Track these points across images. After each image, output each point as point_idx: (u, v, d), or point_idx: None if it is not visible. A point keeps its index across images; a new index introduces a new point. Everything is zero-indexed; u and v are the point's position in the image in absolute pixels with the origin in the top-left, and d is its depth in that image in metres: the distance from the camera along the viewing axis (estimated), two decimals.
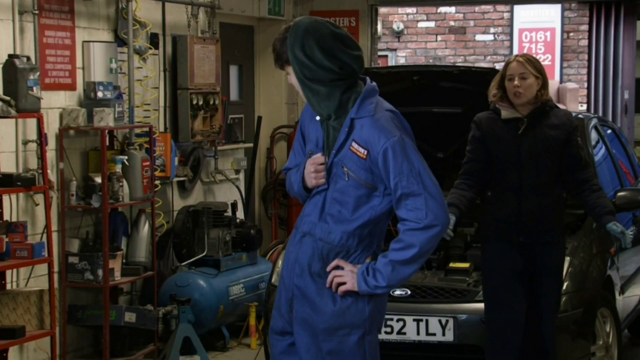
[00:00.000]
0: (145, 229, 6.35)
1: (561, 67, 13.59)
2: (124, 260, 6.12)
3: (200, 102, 7.19)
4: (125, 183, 5.99)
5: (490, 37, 13.85)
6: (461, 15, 13.87)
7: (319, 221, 3.22)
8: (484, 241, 4.76)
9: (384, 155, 3.11)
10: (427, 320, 4.86)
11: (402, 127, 3.18)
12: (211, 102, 7.32)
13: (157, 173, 6.49)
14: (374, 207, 3.18)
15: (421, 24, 13.97)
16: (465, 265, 5.17)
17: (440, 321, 4.80)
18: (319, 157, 3.25)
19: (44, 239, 5.36)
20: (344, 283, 3.16)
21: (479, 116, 4.79)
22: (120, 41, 6.45)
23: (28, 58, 5.37)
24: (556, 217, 4.71)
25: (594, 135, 6.02)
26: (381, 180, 3.15)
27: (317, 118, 3.29)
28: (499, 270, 4.66)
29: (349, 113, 3.18)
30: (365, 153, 3.13)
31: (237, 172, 8.09)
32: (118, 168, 5.95)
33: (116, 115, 5.99)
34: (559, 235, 4.74)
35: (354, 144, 3.16)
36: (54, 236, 5.68)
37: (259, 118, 8.39)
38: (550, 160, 4.67)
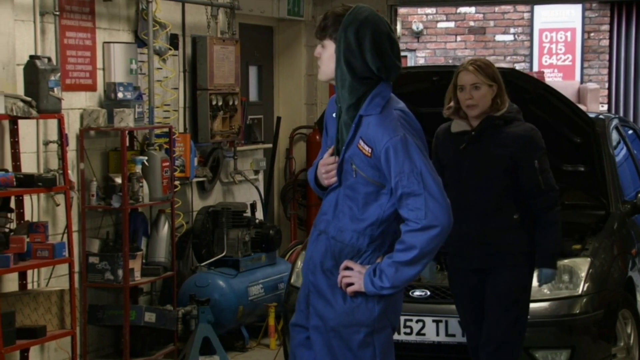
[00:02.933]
0: (165, 229, 6.37)
1: (582, 68, 13.52)
2: (143, 261, 6.14)
3: (220, 103, 7.21)
4: (145, 183, 6.01)
5: (510, 37, 13.81)
6: (481, 16, 13.84)
7: (333, 219, 3.24)
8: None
9: (385, 153, 3.11)
10: (446, 321, 4.85)
11: (409, 126, 3.17)
12: (230, 103, 7.33)
13: (176, 173, 6.50)
14: (382, 206, 3.17)
15: (441, 25, 13.95)
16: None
17: (460, 322, 4.78)
18: (329, 159, 3.28)
19: (65, 239, 5.38)
20: (352, 283, 3.17)
21: (439, 128, 4.52)
22: (140, 42, 6.47)
23: (49, 59, 5.40)
24: (506, 241, 4.31)
25: (615, 136, 5.99)
26: (387, 178, 3.15)
27: (334, 115, 3.30)
28: (455, 297, 4.54)
29: (360, 110, 3.19)
30: (370, 151, 3.14)
31: (256, 172, 8.10)
32: (138, 168, 5.97)
33: (136, 116, 6.01)
34: (511, 259, 4.31)
35: (360, 141, 3.16)
36: (75, 236, 5.71)
37: (278, 119, 8.40)
38: (496, 180, 4.26)
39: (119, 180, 5.89)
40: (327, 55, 3.22)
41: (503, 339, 4.32)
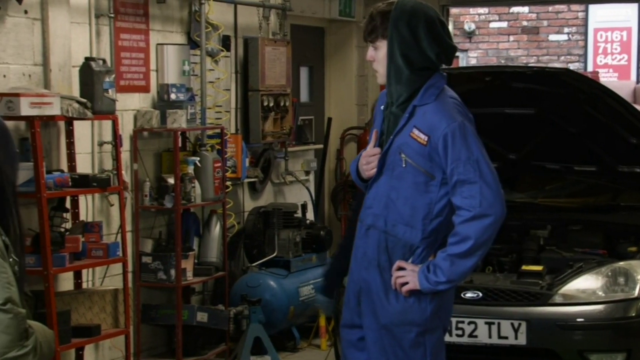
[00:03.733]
0: (216, 229, 6.41)
1: (637, 67, 13.30)
2: (195, 261, 6.18)
3: (271, 104, 7.23)
4: (197, 184, 6.05)
5: (564, 37, 13.64)
6: (534, 15, 13.69)
7: (382, 212, 3.21)
8: None
9: (444, 139, 3.10)
10: (499, 324, 4.80)
11: (465, 114, 3.17)
12: (282, 104, 7.35)
13: (228, 174, 6.54)
14: (432, 198, 3.15)
15: (493, 24, 13.84)
16: (539, 268, 5.10)
17: (512, 324, 4.74)
18: (372, 150, 3.26)
19: (119, 239, 5.45)
20: (406, 283, 3.16)
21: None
22: (193, 43, 6.52)
23: (104, 61, 5.46)
24: None
25: None
26: (439, 169, 3.13)
27: (382, 107, 3.28)
28: None
29: (413, 100, 3.17)
30: (426, 139, 3.12)
31: (307, 173, 8.12)
32: (190, 169, 6.01)
33: (188, 117, 6.06)
34: None
35: (414, 130, 3.14)
36: (128, 236, 5.77)
37: (329, 119, 8.40)
38: None
39: (171, 180, 5.95)
40: (382, 55, 3.19)
41: None
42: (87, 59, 5.37)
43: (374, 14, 3.21)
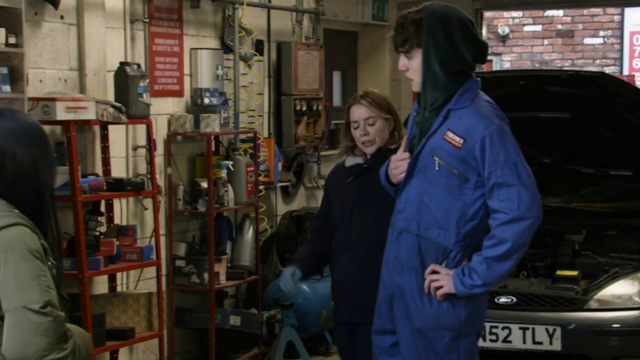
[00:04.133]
0: (249, 233, 6.42)
1: None
2: (229, 264, 6.20)
3: (304, 108, 7.24)
4: (230, 188, 6.08)
5: (600, 40, 13.52)
6: (569, 19, 13.59)
7: (414, 216, 3.19)
8: None
9: (481, 142, 3.08)
10: (533, 329, 4.77)
11: (502, 117, 3.16)
12: (314, 108, 7.36)
13: (261, 178, 6.56)
14: (466, 201, 3.13)
15: (527, 28, 13.75)
16: (574, 273, 5.06)
17: (547, 330, 4.71)
18: (401, 154, 3.25)
19: (153, 243, 5.48)
20: (441, 287, 3.14)
21: (336, 164, 4.09)
22: (226, 48, 6.55)
23: (138, 65, 5.50)
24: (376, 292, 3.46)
25: None
26: (474, 172, 3.11)
27: (414, 113, 3.27)
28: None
29: (448, 104, 3.16)
30: (462, 142, 3.10)
31: None
32: (223, 173, 6.04)
33: (222, 121, 6.09)
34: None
35: (449, 132, 3.13)
36: (162, 240, 5.80)
37: None
38: (381, 218, 3.52)
39: (204, 184, 5.97)
40: (418, 64, 3.17)
41: None
42: (121, 63, 5.41)
43: (405, 24, 3.17)
